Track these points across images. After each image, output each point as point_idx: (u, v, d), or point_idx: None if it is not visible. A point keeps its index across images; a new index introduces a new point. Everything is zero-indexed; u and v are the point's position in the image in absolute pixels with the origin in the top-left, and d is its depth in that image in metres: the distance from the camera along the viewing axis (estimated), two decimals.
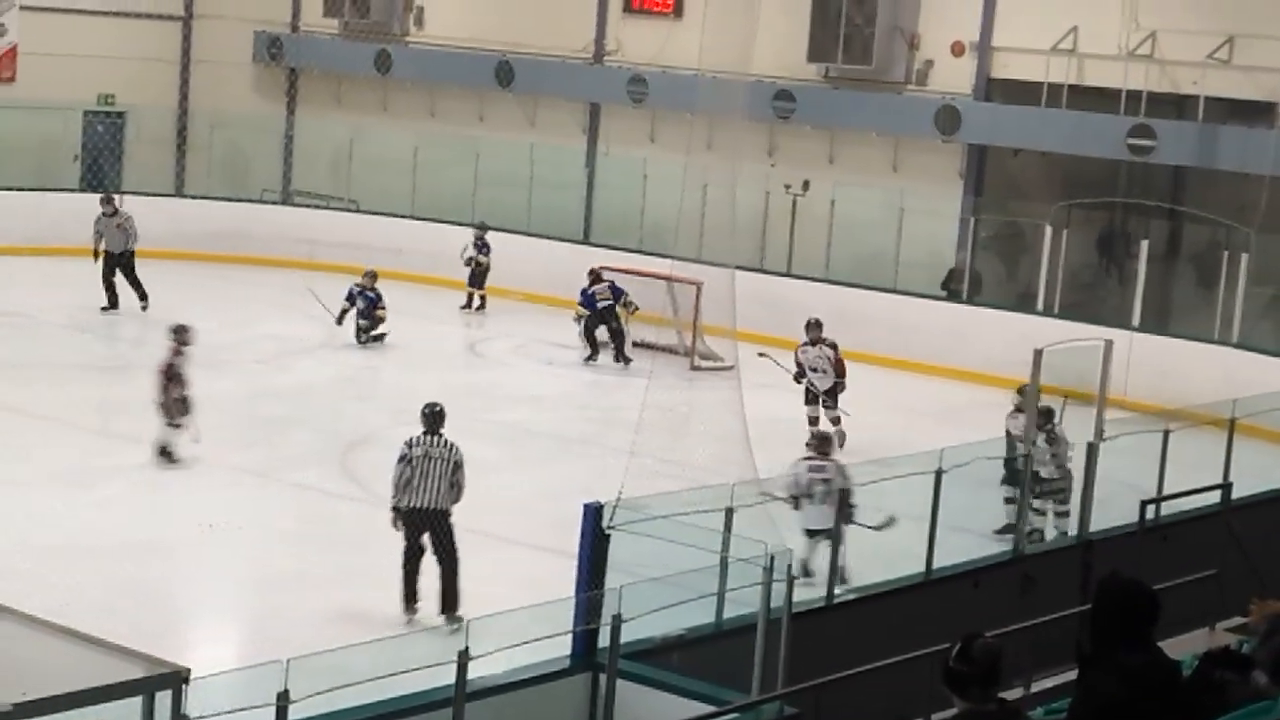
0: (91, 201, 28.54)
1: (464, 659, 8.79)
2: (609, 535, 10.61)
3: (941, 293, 25.87)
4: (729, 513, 11.06)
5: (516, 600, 9.74)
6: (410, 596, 13.25)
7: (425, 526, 13.33)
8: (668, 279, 22.93)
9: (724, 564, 10.75)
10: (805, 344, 19.65)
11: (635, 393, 20.19)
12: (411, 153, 30.86)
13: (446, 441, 13.53)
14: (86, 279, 25.56)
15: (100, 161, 31.42)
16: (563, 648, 10.24)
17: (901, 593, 12.53)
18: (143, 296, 23.60)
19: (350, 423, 19.36)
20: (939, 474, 12.57)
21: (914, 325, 25.09)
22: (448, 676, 8.84)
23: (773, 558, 10.14)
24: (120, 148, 31.77)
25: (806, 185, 27.24)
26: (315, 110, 32.67)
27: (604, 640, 10.02)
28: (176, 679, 7.03)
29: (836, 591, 12.25)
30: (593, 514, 10.70)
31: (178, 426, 16.47)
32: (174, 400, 16.50)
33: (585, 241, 28.84)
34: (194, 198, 30.97)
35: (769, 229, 27.40)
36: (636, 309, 24.15)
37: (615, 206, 29.36)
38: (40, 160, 30.97)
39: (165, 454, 16.41)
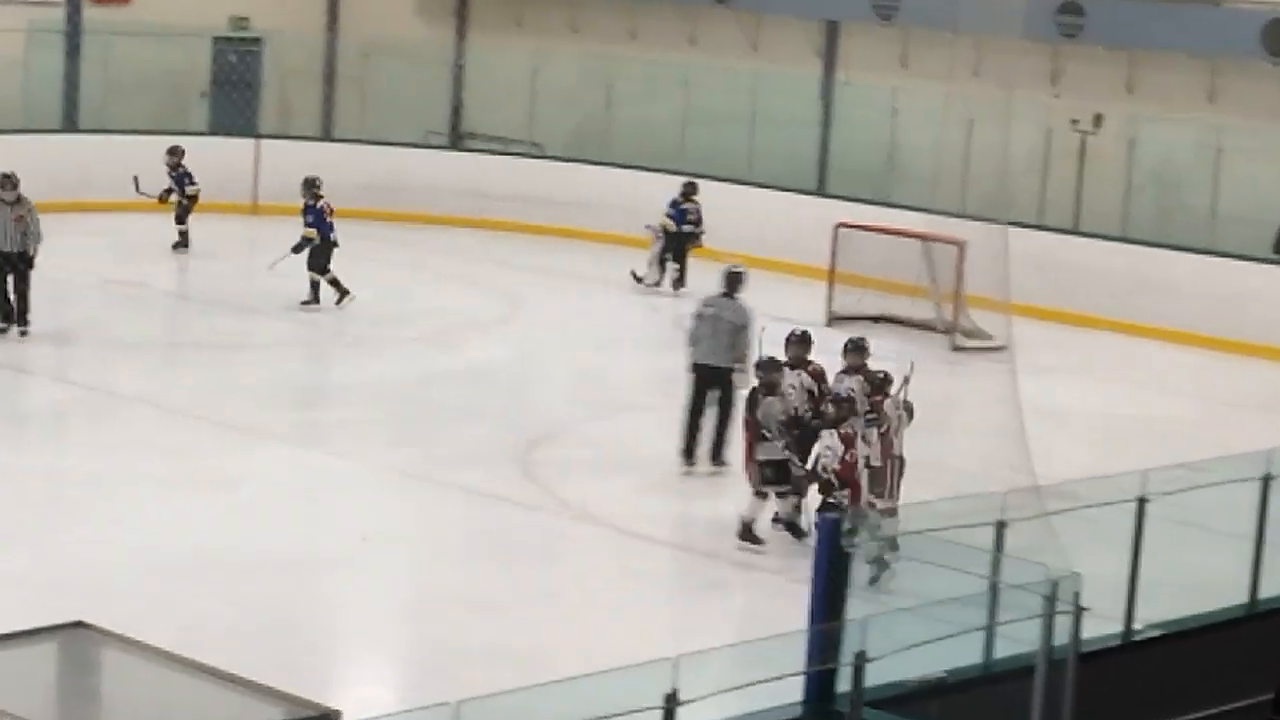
0: (224, 146, 29.27)
1: (672, 704, 8.82)
2: (851, 554, 10.58)
3: (1273, 255, 25.37)
4: (1000, 527, 10.96)
5: (735, 633, 9.76)
6: (689, 450, 16.65)
7: (711, 383, 16.72)
8: (923, 238, 22.79)
9: (994, 591, 10.66)
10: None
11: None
12: (605, 85, 31.05)
13: (740, 305, 17.07)
14: (213, 239, 26.17)
15: (232, 98, 32.03)
16: (792, 691, 10.23)
17: (1218, 629, 12.34)
18: (23, 319, 20.95)
19: (531, 414, 19.57)
20: (1267, 480, 12.35)
21: (1235, 295, 24.64)
22: None
23: (1056, 584, 10.03)
24: (256, 81, 32.34)
25: (1098, 120, 26.86)
26: (491, 35, 33.02)
27: (844, 684, 9.99)
28: None
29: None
30: (830, 528, 10.68)
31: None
32: None
33: (819, 192, 28.81)
34: (344, 142, 31.50)
35: (1050, 175, 27.09)
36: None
37: (857, 148, 29.27)
38: (162, 98, 31.69)
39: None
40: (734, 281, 17.41)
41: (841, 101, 29.63)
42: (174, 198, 26.45)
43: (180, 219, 26.46)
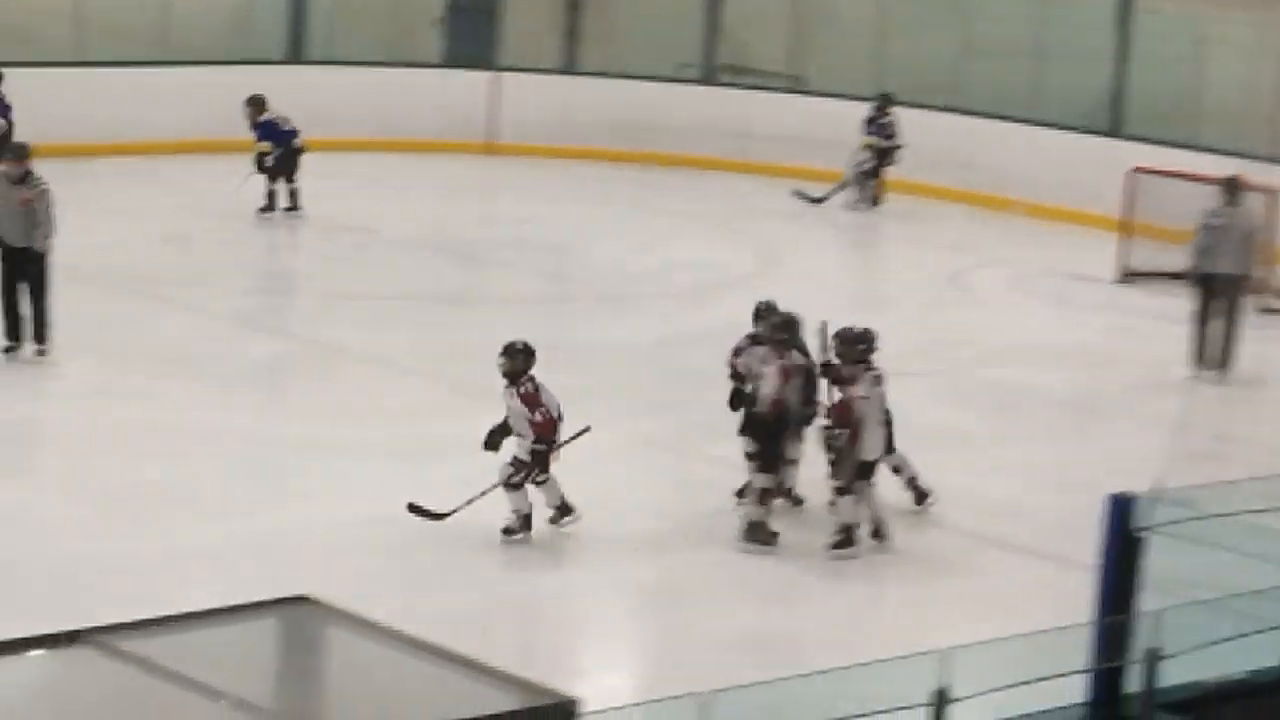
0: (458, 80, 29.43)
1: (941, 701, 8.86)
2: (1141, 539, 10.52)
3: None
4: None
5: (1007, 626, 9.74)
6: (1200, 356, 19.71)
7: (1221, 292, 19.62)
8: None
9: None
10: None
11: (1180, 344, 19.98)
12: (878, 13, 30.88)
13: (1248, 211, 20.15)
14: (445, 181, 26.40)
15: (468, 28, 32.19)
16: (1074, 691, 10.20)
17: None
18: (40, 335, 18.13)
19: None
20: None
21: None
22: None
23: None
24: (493, 9, 32.51)
25: None
26: None
27: (1133, 684, 9.95)
28: (562, 713, 7.28)
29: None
30: (1120, 509, 10.61)
31: None
32: None
33: (1114, 133, 28.43)
34: (589, 75, 31.56)
35: None
36: None
37: (1157, 85, 28.84)
38: (390, 26, 32.04)
39: None
40: (1234, 189, 20.13)
41: (1141, 33, 29.20)
42: (269, 159, 24.80)
43: (271, 173, 24.80)
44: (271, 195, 24.39)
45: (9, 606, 12.17)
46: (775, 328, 14.95)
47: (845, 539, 14.31)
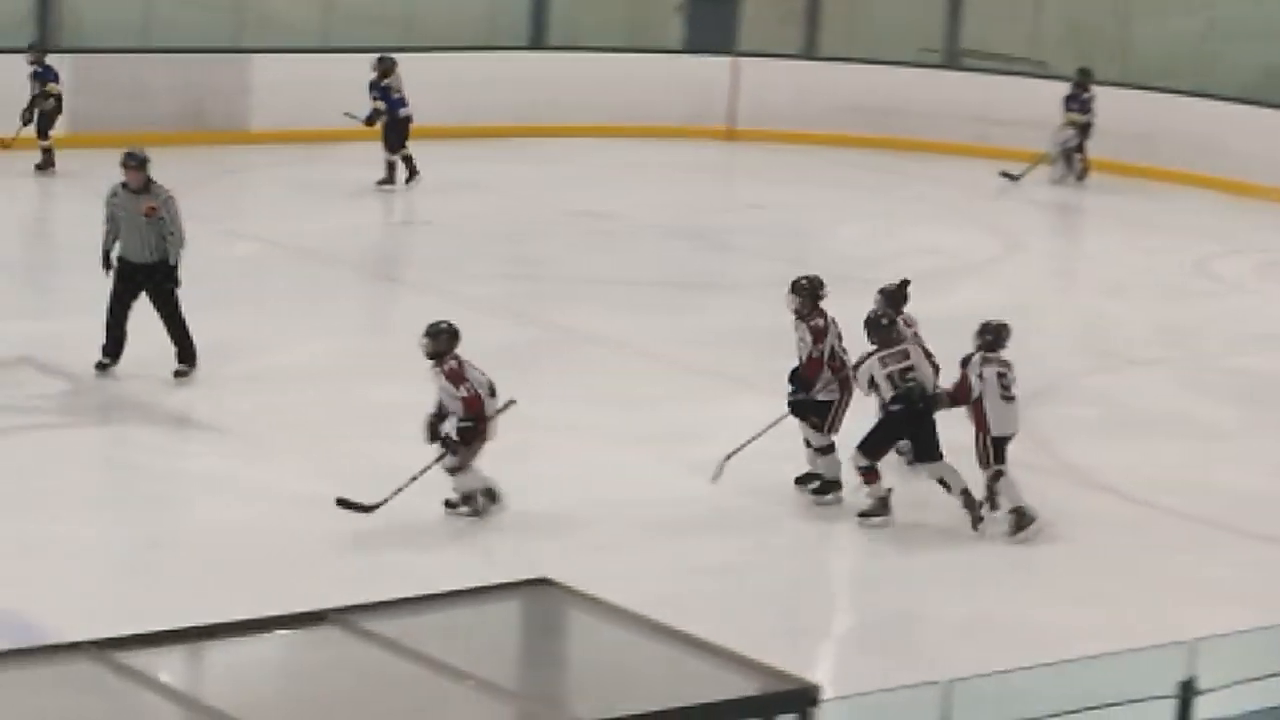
0: (699, 65, 29.49)
1: (1188, 693, 8.73)
2: None
3: None
4: None
5: (1254, 617, 9.57)
6: None
7: None
8: None
9: None
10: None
11: None
12: None
13: None
14: (687, 166, 26.45)
15: (709, 14, 32.23)
16: None
17: None
18: (186, 356, 16.92)
19: (1029, 364, 19.37)
20: None
21: None
22: (1162, 715, 8.80)
23: None
24: None
25: None
26: None
27: None
28: (803, 698, 7.26)
29: None
30: None
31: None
32: None
33: None
34: (829, 60, 31.40)
35: None
36: None
37: None
38: (632, 12, 32.14)
39: None
40: None
41: None
42: (381, 121, 24.99)
43: (392, 146, 25.01)
44: (391, 167, 24.83)
45: (256, 586, 12.37)
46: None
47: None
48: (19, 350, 17.44)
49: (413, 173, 24.84)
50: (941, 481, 14.56)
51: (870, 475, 14.55)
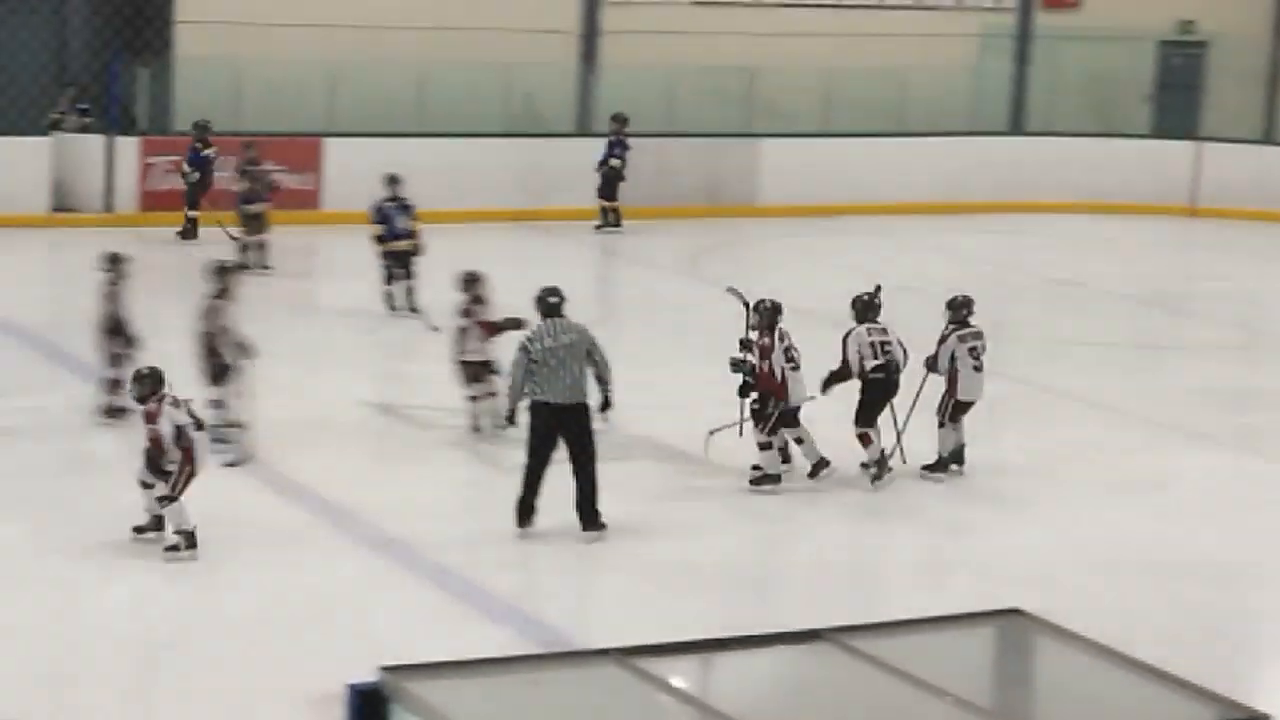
0: (1164, 149, 29.08)
1: None
2: None
3: None
4: None
5: None
6: None
7: None
8: None
9: None
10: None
11: None
12: None
13: None
14: (1149, 239, 25.99)
15: (1175, 101, 31.76)
16: None
17: None
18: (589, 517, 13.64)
19: None
20: None
21: None
22: None
23: None
24: (1199, 84, 31.93)
25: None
26: None
27: None
28: None
29: None
30: None
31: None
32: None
33: None
34: None
35: None
36: None
37: None
38: (1103, 99, 31.75)
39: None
40: None
41: None
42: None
43: None
44: None
45: (771, 608, 12.44)
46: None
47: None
48: None
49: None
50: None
51: (866, 439, 15.05)
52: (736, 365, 14.95)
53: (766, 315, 15.05)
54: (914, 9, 30.56)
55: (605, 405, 13.58)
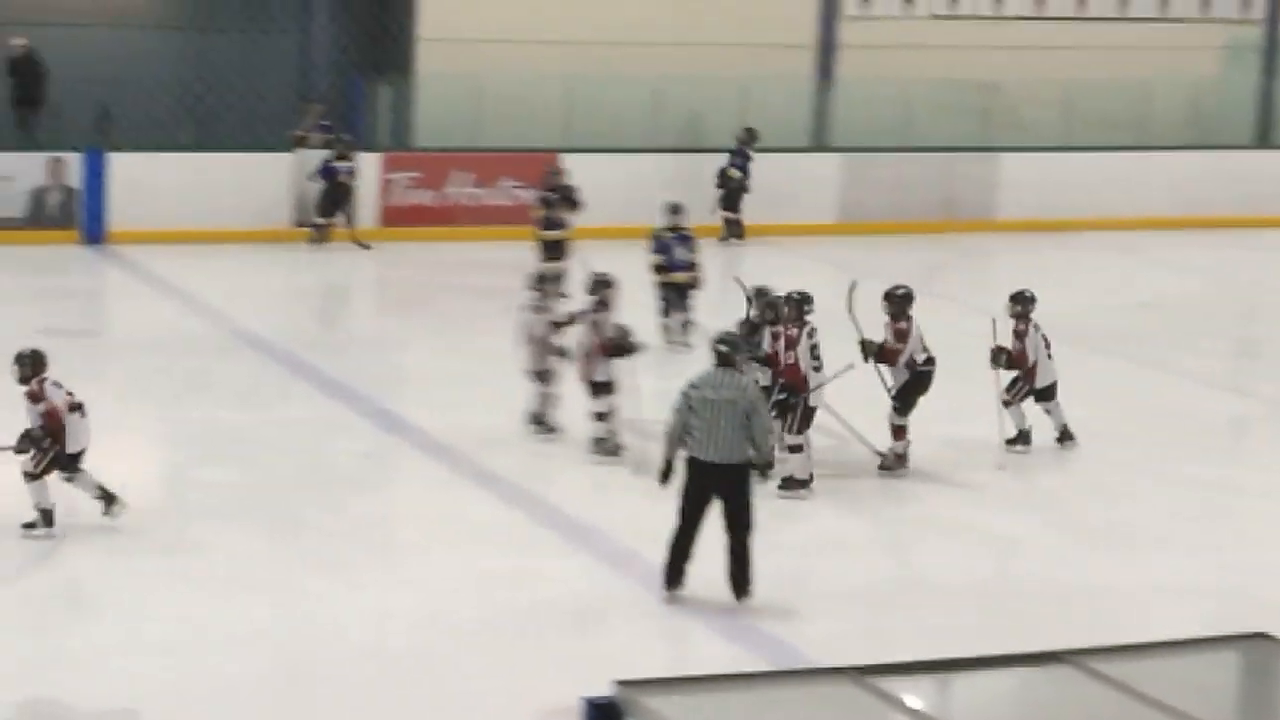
0: None
1: None
2: None
3: None
4: None
5: None
6: None
7: None
8: None
9: None
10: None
11: None
12: None
13: None
14: None
15: None
16: None
17: None
18: (741, 585, 12.61)
19: None
20: None
21: None
22: None
23: None
24: None
25: None
26: None
27: None
28: None
29: None
30: None
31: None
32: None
33: None
34: None
35: None
36: None
37: None
38: None
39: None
40: None
41: None
42: None
43: None
44: None
45: (1003, 626, 12.30)
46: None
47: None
48: None
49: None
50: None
51: (900, 432, 15.47)
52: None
53: (794, 307, 15.04)
54: (1158, 21, 30.10)
55: (760, 468, 12.55)
